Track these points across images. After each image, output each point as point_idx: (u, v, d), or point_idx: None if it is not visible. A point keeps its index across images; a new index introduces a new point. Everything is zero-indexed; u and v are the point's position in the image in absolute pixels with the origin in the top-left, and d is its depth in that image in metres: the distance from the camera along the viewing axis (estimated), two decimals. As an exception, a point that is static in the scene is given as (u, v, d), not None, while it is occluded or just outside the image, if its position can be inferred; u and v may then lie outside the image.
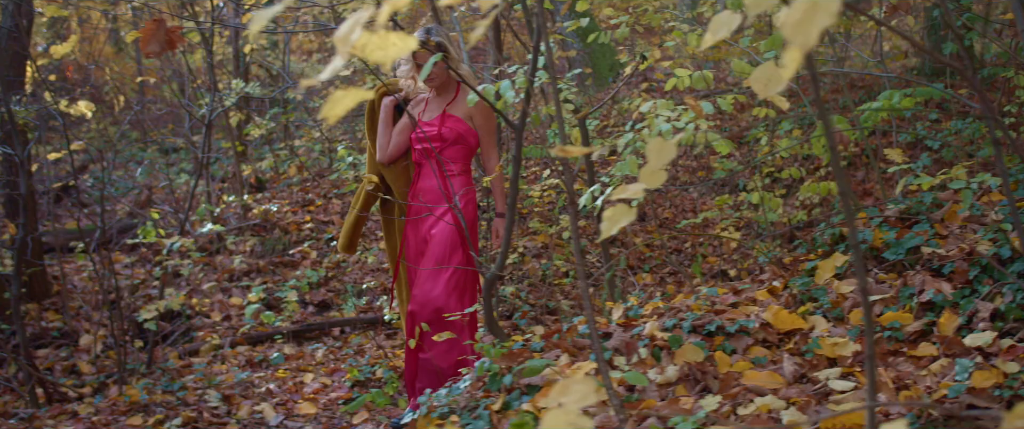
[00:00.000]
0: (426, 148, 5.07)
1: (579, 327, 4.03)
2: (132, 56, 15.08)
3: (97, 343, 7.39)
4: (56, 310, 7.83)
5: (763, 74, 2.36)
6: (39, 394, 6.40)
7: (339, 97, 1.91)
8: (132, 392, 6.09)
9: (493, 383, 3.68)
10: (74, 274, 8.47)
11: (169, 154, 12.67)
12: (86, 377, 7.00)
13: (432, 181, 5.08)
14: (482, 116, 5.07)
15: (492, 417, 3.43)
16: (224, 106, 7.19)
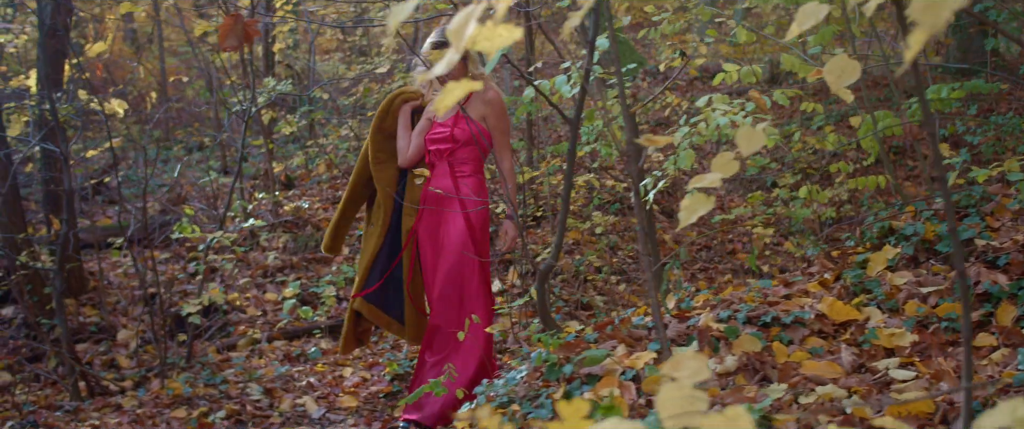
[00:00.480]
0: (439, 149, 5.10)
1: (632, 319, 4.08)
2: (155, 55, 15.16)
3: (135, 338, 7.47)
4: (93, 305, 7.91)
5: (837, 66, 2.42)
6: (81, 387, 6.47)
7: (452, 88, 1.96)
8: (175, 385, 6.16)
9: (551, 373, 3.72)
10: (109, 270, 8.54)
11: (192, 153, 12.74)
12: (125, 371, 7.08)
13: (443, 181, 5.10)
14: (496, 117, 5.07)
15: (555, 406, 3.48)
16: (258, 104, 7.24)
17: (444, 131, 5.07)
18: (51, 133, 6.74)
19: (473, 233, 5.06)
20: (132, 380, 6.78)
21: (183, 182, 10.20)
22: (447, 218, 5.09)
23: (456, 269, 5.06)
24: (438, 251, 5.12)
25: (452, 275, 5.06)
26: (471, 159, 5.10)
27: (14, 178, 7.24)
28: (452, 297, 5.08)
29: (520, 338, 6.89)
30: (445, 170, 5.10)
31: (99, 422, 5.70)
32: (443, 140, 5.08)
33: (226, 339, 7.29)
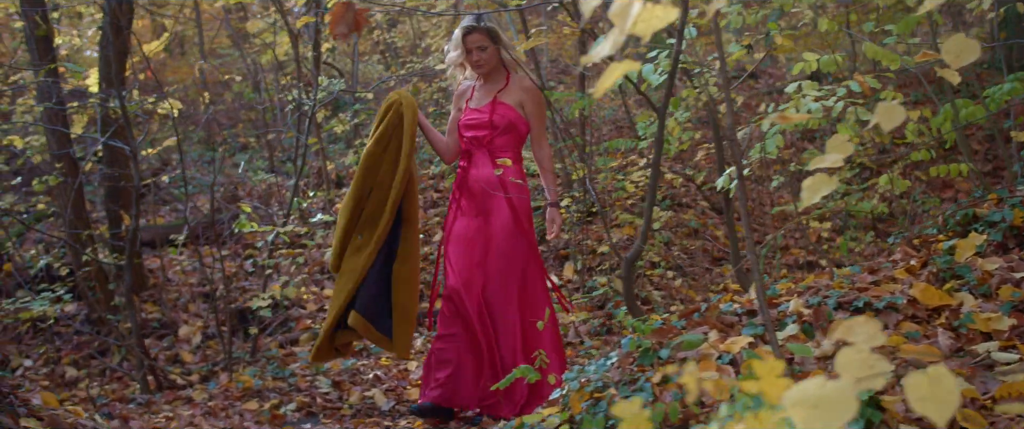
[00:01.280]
0: (476, 136, 5.03)
1: (720, 305, 4.11)
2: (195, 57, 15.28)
3: (197, 333, 7.56)
4: (153, 302, 8.00)
5: (955, 46, 2.45)
6: (149, 382, 6.56)
7: (612, 70, 2.00)
8: (244, 378, 6.24)
9: (645, 358, 3.76)
10: (167, 268, 8.63)
11: (235, 154, 12.84)
12: (190, 366, 7.17)
13: (484, 170, 5.03)
14: (533, 103, 5.02)
15: (654, 389, 3.52)
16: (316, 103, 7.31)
17: (480, 117, 5.01)
18: (119, 130, 6.84)
19: (519, 222, 5.00)
20: (199, 374, 6.87)
21: (234, 181, 10.29)
22: (491, 207, 5.02)
23: (508, 257, 4.98)
24: (486, 242, 5.02)
25: (505, 264, 4.98)
26: (510, 146, 5.04)
27: (79, 176, 7.34)
28: (509, 286, 4.99)
29: (580, 331, 6.94)
30: (485, 159, 5.03)
31: (172, 414, 5.78)
32: (480, 127, 5.02)
33: (288, 334, 7.36)
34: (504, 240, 4.97)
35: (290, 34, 8.45)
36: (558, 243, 8.26)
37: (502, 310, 4.99)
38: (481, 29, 4.88)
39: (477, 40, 4.89)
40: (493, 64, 4.99)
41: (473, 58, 4.93)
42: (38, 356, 7.45)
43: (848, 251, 7.58)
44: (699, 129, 9.15)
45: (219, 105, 13.80)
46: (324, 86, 7.12)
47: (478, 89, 5.10)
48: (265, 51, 11.64)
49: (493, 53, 4.94)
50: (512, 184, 4.98)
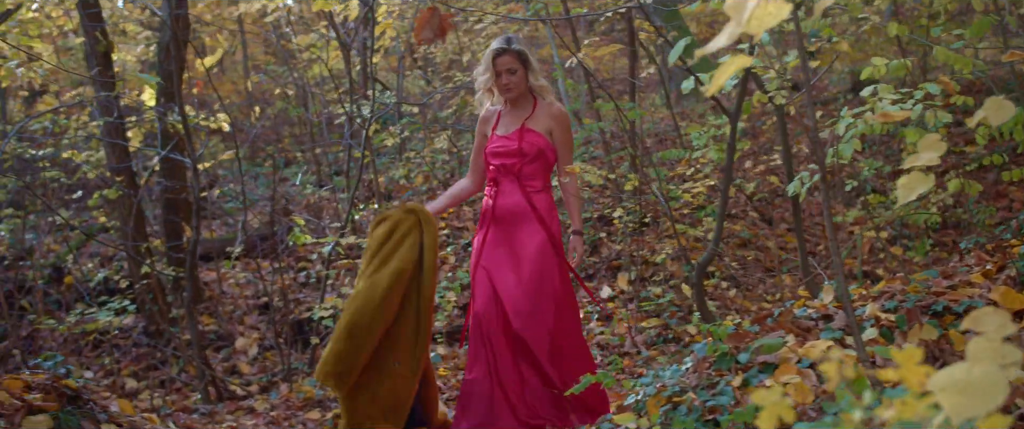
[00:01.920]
0: (505, 165, 4.86)
1: (794, 310, 4.11)
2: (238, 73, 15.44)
3: (254, 345, 7.63)
4: (210, 314, 8.08)
5: (993, 106, 2.45)
6: (210, 392, 6.63)
7: (729, 63, 2.02)
8: (305, 389, 6.28)
9: (723, 362, 3.77)
10: (222, 280, 8.72)
11: (280, 169, 12.95)
12: (248, 377, 7.23)
13: (512, 198, 4.87)
14: (561, 129, 4.89)
15: (735, 393, 3.53)
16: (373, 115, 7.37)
17: (508, 145, 4.86)
18: (181, 143, 6.92)
19: (555, 245, 4.84)
20: (258, 385, 6.93)
21: (284, 195, 10.38)
22: (522, 233, 4.85)
23: (542, 282, 4.77)
24: (517, 268, 4.81)
25: (538, 288, 4.76)
26: (540, 174, 4.90)
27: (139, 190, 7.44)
28: (543, 311, 4.76)
29: (637, 342, 6.94)
30: (514, 186, 4.88)
31: (235, 424, 5.83)
32: (508, 154, 4.86)
33: (345, 345, 7.40)
34: (538, 264, 4.78)
35: (342, 48, 8.52)
36: (610, 254, 8.26)
37: (535, 335, 4.75)
38: (512, 51, 4.76)
39: (507, 62, 4.77)
40: (521, 89, 4.85)
41: (502, 81, 4.80)
42: (99, 368, 7.54)
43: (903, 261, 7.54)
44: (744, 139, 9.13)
45: (265, 121, 13.93)
46: (380, 98, 7.16)
47: (504, 115, 4.96)
48: (311, 66, 11.75)
49: (522, 77, 4.81)
50: (545, 210, 4.85)
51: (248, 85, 12.36)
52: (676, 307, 7.27)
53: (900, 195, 2.51)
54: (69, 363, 7.39)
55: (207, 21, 11.34)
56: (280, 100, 13.29)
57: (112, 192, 7.25)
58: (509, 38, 4.86)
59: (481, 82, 4.90)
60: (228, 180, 11.96)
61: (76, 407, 4.11)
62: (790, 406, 1.53)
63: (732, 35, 1.97)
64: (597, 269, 8.26)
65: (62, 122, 8.17)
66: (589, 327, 7.33)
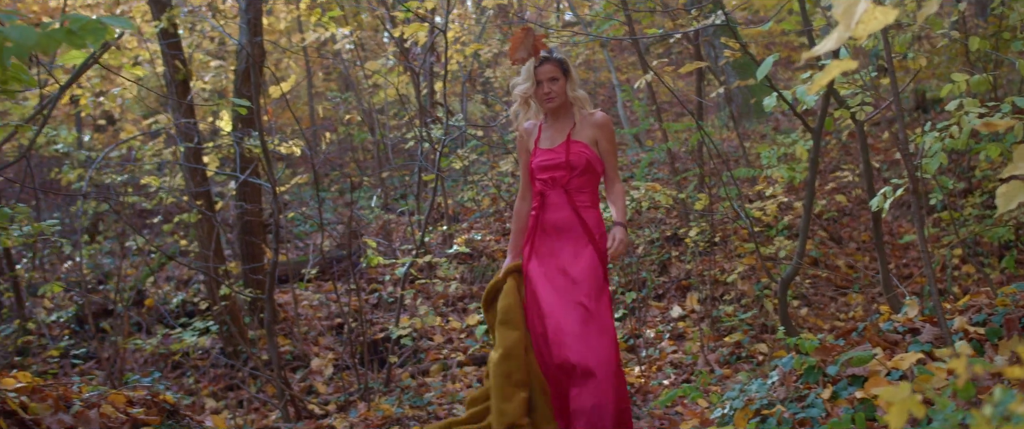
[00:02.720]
0: (553, 177, 4.73)
1: (880, 324, 4.13)
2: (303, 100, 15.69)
3: (329, 365, 7.75)
4: (285, 335, 8.22)
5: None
6: (289, 411, 6.74)
7: (830, 67, 2.08)
8: (384, 407, 6.37)
9: (810, 375, 3.80)
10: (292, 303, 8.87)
11: (345, 194, 13.13)
12: (324, 396, 7.35)
13: (560, 212, 4.74)
14: (607, 139, 4.77)
15: (825, 405, 3.55)
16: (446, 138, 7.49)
17: (555, 158, 4.74)
18: (260, 166, 7.08)
19: (603, 262, 4.70)
20: (335, 404, 7.03)
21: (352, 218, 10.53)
22: (569, 247, 4.72)
23: (592, 297, 4.62)
24: (565, 282, 4.67)
25: (589, 303, 4.60)
26: (588, 187, 4.78)
27: (215, 213, 7.61)
28: (591, 327, 4.59)
29: (710, 360, 6.95)
30: (562, 200, 4.74)
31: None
32: (556, 167, 4.74)
33: (419, 365, 7.51)
34: (588, 280, 4.63)
35: (412, 74, 8.67)
36: (680, 274, 8.29)
37: (583, 352, 4.56)
38: (553, 60, 4.67)
39: (549, 71, 4.67)
40: (562, 99, 4.74)
41: (543, 90, 4.71)
42: (179, 388, 7.70)
43: (978, 279, 7.49)
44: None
45: (330, 147, 14.14)
46: (453, 121, 7.28)
47: (545, 127, 4.86)
48: (377, 92, 11.93)
49: (562, 87, 4.70)
50: (594, 226, 4.72)
51: (320, 110, 12.57)
52: (749, 326, 7.28)
53: (1000, 204, 2.54)
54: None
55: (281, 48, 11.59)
56: (343, 126, 13.51)
57: (192, 216, 7.43)
58: (551, 48, 4.78)
59: (520, 91, 4.79)
60: (296, 205, 12.15)
61: (175, 421, 4.23)
62: (919, 402, 1.58)
63: (840, 39, 2.03)
64: (666, 289, 8.30)
65: (143, 148, 8.39)
66: (661, 346, 7.37)
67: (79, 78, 3.66)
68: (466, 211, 10.84)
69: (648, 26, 9.55)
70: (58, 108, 12.83)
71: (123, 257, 9.68)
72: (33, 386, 3.97)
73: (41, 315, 8.74)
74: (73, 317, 8.77)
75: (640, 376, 6.69)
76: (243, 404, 7.42)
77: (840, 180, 9.64)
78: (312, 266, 8.38)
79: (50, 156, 11.24)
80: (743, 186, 9.36)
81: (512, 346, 4.60)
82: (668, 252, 8.61)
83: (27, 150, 3.65)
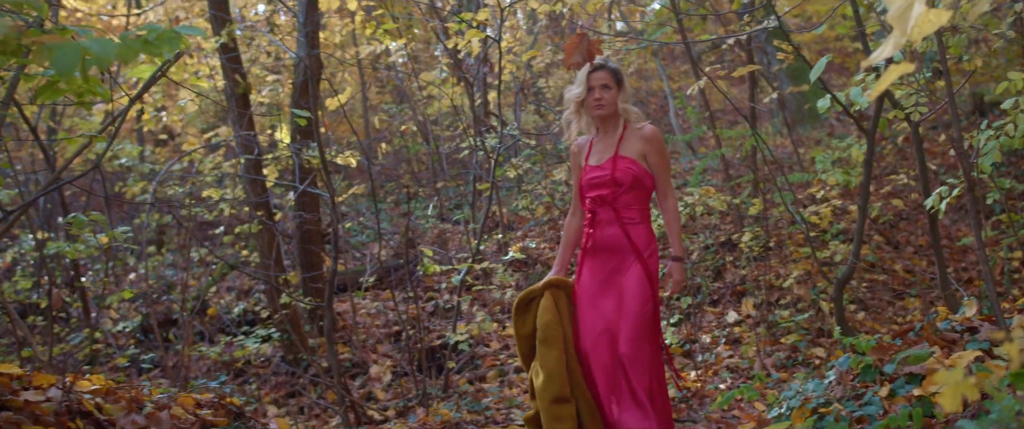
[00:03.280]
0: (601, 195, 4.64)
1: (937, 323, 4.13)
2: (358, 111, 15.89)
3: (388, 372, 7.86)
4: (344, 343, 8.36)
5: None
6: (349, 417, 6.85)
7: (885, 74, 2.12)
8: (442, 412, 6.46)
9: (867, 374, 3.82)
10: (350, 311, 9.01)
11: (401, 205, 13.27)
12: (383, 402, 7.45)
13: (610, 230, 4.64)
14: (656, 152, 4.64)
15: (883, 403, 3.57)
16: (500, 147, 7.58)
17: (602, 175, 4.64)
18: (319, 176, 7.22)
19: (652, 283, 4.60)
20: (394, 410, 7.14)
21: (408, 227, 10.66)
22: (620, 268, 4.64)
23: (641, 319, 4.53)
24: (616, 303, 4.59)
25: (639, 325, 4.52)
26: (636, 203, 4.66)
27: (277, 223, 7.76)
28: (642, 348, 4.52)
29: (767, 364, 6.95)
30: (610, 217, 4.65)
31: (377, 446, 6.03)
32: (603, 184, 4.64)
33: (476, 371, 7.59)
34: (637, 301, 4.54)
35: (466, 85, 8.78)
36: (735, 279, 8.30)
37: (635, 372, 4.51)
38: (607, 68, 4.62)
39: (602, 78, 4.61)
40: (612, 108, 4.65)
41: (594, 96, 4.64)
42: (241, 395, 7.86)
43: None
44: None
45: (385, 159, 14.32)
46: (509, 129, 7.37)
47: (596, 143, 4.77)
48: (431, 103, 12.07)
49: (614, 96, 4.63)
50: (643, 244, 4.62)
51: (375, 122, 12.74)
52: (805, 330, 7.27)
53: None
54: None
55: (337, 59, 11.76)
56: (399, 138, 13.67)
57: (254, 226, 7.59)
58: (606, 58, 4.73)
59: (572, 96, 4.73)
60: (353, 216, 12.32)
61: (241, 423, 4.35)
62: (973, 384, 1.63)
63: (897, 44, 2.07)
64: (722, 294, 8.31)
65: (204, 161, 8.58)
66: (717, 350, 7.38)
67: (148, 90, 3.79)
68: (520, 220, 10.93)
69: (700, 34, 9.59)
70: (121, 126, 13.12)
71: (186, 269, 9.88)
72: (107, 388, 4.10)
73: (108, 325, 8.96)
74: (138, 327, 8.99)
75: (696, 380, 6.72)
76: (304, 410, 7.55)
77: (896, 184, 9.59)
78: (370, 275, 8.51)
79: (114, 171, 11.53)
80: (797, 191, 9.35)
81: (553, 367, 4.57)
82: (722, 258, 8.62)
83: (98, 161, 3.79)
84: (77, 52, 2.41)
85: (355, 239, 11.39)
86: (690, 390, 6.50)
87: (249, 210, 8.05)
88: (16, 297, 8.61)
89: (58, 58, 2.41)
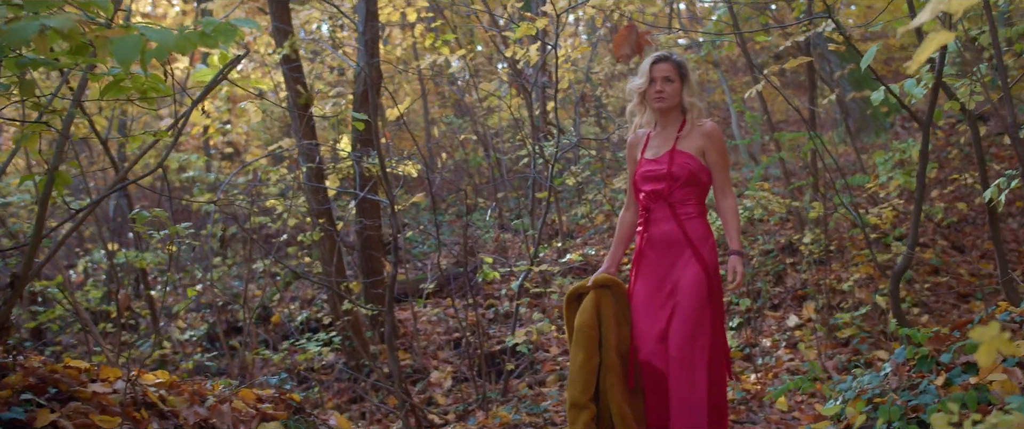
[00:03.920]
0: (655, 190, 4.54)
1: (996, 315, 4.09)
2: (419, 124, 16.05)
3: (448, 377, 7.93)
4: (405, 350, 8.45)
5: None
6: (410, 421, 6.93)
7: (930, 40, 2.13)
8: (502, 414, 6.52)
9: (924, 364, 3.79)
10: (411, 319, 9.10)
11: (462, 217, 13.37)
12: (444, 407, 7.53)
13: (665, 226, 4.54)
14: (716, 149, 4.55)
15: (939, 391, 3.55)
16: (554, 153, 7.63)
17: (658, 169, 4.54)
18: (378, 184, 7.33)
19: (709, 278, 4.48)
20: (454, 414, 7.21)
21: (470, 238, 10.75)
22: (676, 265, 4.52)
23: (696, 318, 4.41)
24: (671, 302, 4.48)
25: (693, 325, 4.39)
26: (693, 199, 4.55)
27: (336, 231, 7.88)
28: (696, 347, 4.38)
29: (828, 367, 6.90)
30: (666, 213, 4.55)
31: (437, 447, 6.10)
32: (658, 179, 4.53)
33: (536, 375, 7.64)
34: (692, 299, 4.42)
35: (524, 92, 8.85)
36: (796, 283, 8.25)
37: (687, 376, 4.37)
38: (672, 60, 4.55)
39: (665, 70, 4.52)
40: (674, 101, 4.55)
41: (656, 88, 4.53)
42: (304, 401, 7.98)
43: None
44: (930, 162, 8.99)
45: (446, 172, 14.45)
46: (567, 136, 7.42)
47: (653, 136, 4.67)
48: (490, 115, 12.16)
49: (677, 89, 4.53)
50: (699, 239, 4.51)
51: (436, 132, 12.89)
52: (867, 333, 7.20)
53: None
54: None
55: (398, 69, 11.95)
56: (460, 150, 13.80)
57: (316, 234, 7.72)
58: (672, 51, 4.68)
59: (634, 87, 4.65)
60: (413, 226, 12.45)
61: (301, 417, 4.44)
62: (1008, 339, 1.63)
63: (934, 9, 2.08)
64: (782, 298, 8.26)
65: (269, 169, 8.74)
66: (777, 354, 7.34)
67: (211, 91, 3.90)
68: (581, 229, 10.96)
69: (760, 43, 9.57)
70: (187, 140, 13.44)
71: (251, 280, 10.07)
72: (171, 382, 4.21)
73: (175, 334, 9.16)
74: (204, 335, 9.18)
75: (756, 383, 6.70)
76: (366, 415, 7.64)
77: (960, 184, 9.46)
78: (430, 283, 8.61)
79: (181, 184, 11.79)
80: (858, 194, 9.27)
81: (576, 371, 4.55)
82: (783, 263, 8.57)
83: (162, 160, 3.90)
84: (137, 42, 2.51)
85: (417, 250, 11.51)
86: (748, 392, 6.48)
87: (311, 219, 8.19)
88: (88, 305, 8.85)
89: (119, 48, 2.50)
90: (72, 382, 3.82)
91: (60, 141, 3.78)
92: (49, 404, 3.60)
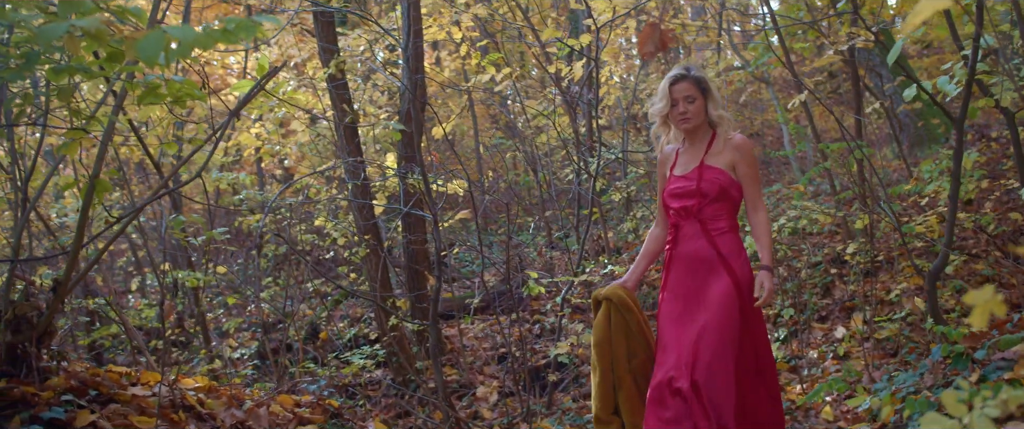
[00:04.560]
0: (685, 207, 4.43)
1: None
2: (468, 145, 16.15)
3: (494, 392, 7.96)
4: (451, 365, 8.49)
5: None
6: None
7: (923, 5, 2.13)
8: (545, 426, 6.53)
9: (959, 362, 3.75)
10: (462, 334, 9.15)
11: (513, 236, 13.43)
12: (489, 421, 7.55)
13: (694, 243, 4.42)
14: (746, 163, 4.42)
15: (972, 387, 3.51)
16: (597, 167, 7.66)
17: (687, 185, 4.44)
18: (421, 201, 7.40)
19: (742, 293, 4.32)
20: (499, 427, 7.23)
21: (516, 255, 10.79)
22: (705, 283, 4.38)
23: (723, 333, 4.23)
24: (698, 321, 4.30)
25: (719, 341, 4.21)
26: (725, 214, 4.43)
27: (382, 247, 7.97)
28: (725, 362, 4.20)
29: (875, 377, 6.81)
30: (696, 229, 4.43)
31: (481, 460, 6.12)
32: (687, 195, 4.44)
33: (580, 388, 7.64)
34: (721, 316, 4.26)
35: (568, 107, 8.89)
36: (844, 295, 8.16)
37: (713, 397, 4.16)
38: (690, 78, 4.41)
39: (685, 89, 4.39)
40: (699, 119, 4.43)
41: (678, 110, 4.41)
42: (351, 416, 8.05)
43: None
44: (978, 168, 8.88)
45: (495, 193, 14.52)
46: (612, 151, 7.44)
47: (683, 152, 4.56)
48: (538, 135, 12.22)
49: (700, 107, 4.41)
50: (731, 254, 4.38)
51: (481, 149, 12.99)
52: (915, 343, 7.10)
53: None
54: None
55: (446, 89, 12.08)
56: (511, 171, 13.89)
57: (362, 250, 7.80)
58: (688, 66, 4.50)
59: (656, 111, 4.52)
60: (462, 245, 12.52)
61: (339, 421, 4.49)
62: (1001, 301, 1.63)
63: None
64: (830, 310, 8.17)
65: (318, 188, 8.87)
66: (823, 365, 7.26)
67: (249, 102, 3.99)
68: (628, 246, 10.95)
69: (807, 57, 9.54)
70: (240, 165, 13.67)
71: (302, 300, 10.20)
72: (209, 386, 4.29)
73: (226, 352, 9.30)
74: (255, 353, 9.30)
75: (801, 394, 6.63)
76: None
77: (1015, 194, 9.31)
78: (477, 300, 8.66)
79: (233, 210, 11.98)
80: (904, 203, 9.17)
81: (594, 390, 4.63)
82: (829, 275, 8.49)
83: (203, 166, 3.99)
84: (160, 38, 2.58)
85: (466, 268, 11.58)
86: (793, 403, 6.42)
87: (358, 237, 8.29)
88: (141, 323, 9.02)
89: (143, 46, 2.58)
90: (113, 385, 3.90)
91: (101, 148, 3.88)
92: (89, 405, 3.69)
